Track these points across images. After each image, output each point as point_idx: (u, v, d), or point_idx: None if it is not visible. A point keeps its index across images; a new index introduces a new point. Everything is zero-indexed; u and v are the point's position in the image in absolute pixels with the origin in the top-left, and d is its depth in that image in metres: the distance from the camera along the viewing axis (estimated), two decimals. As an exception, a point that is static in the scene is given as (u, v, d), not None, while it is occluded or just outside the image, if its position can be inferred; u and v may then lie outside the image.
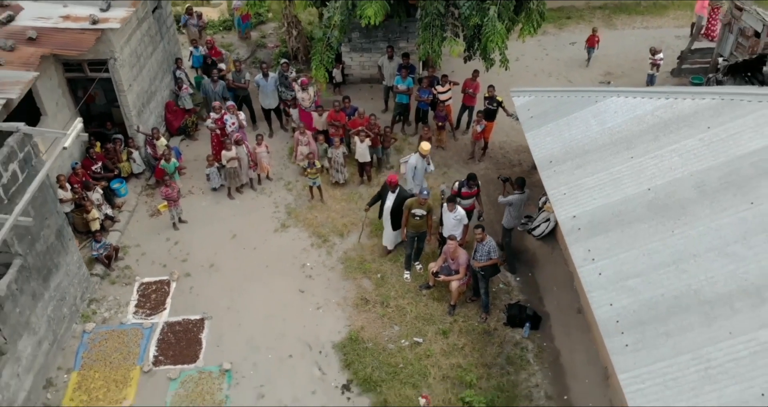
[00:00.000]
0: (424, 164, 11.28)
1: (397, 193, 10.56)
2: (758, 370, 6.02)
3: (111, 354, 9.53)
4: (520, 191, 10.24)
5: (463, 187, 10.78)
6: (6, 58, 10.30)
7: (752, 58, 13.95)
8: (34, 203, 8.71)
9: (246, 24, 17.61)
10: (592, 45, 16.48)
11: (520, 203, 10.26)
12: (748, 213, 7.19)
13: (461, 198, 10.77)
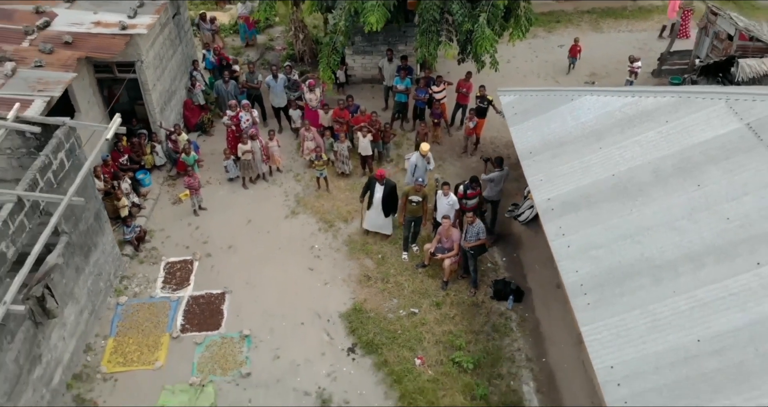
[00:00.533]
0: (424, 162, 12.44)
1: (384, 184, 11.76)
2: (695, 321, 7.27)
3: (142, 323, 10.78)
4: (499, 169, 11.61)
5: (468, 189, 11.94)
6: (46, 60, 11.57)
7: (722, 60, 15.19)
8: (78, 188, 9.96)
9: (252, 31, 18.78)
10: (574, 55, 17.63)
11: (500, 178, 11.64)
12: (695, 194, 8.45)
13: (467, 199, 11.94)
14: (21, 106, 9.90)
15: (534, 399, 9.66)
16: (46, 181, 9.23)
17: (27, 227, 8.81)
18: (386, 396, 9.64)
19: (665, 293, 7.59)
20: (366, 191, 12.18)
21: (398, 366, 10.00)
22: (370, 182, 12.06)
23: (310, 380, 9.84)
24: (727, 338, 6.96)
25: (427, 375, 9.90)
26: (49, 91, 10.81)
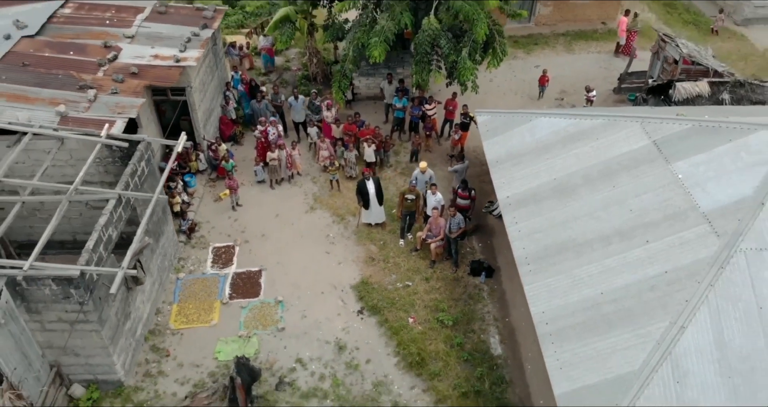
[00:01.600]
0: (424, 176, 15.45)
1: (373, 180, 14.96)
2: (601, 281, 10.47)
3: (198, 292, 14.03)
4: (461, 162, 15.03)
5: (459, 189, 15.18)
6: (120, 88, 14.80)
7: (663, 83, 18.42)
8: (153, 187, 13.20)
9: (271, 59, 21.85)
10: (543, 84, 20.50)
11: (463, 169, 15.27)
12: (610, 193, 11.68)
13: (459, 198, 15.16)
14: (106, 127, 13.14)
15: (498, 347, 12.90)
16: (134, 183, 12.48)
17: (123, 217, 12.06)
18: (386, 345, 12.89)
19: (582, 262, 10.83)
20: (360, 193, 15.26)
21: (396, 323, 13.24)
22: (360, 185, 15.16)
23: (330, 333, 13.08)
24: (621, 291, 10.20)
25: (418, 330, 13.15)
26: (127, 114, 14.06)
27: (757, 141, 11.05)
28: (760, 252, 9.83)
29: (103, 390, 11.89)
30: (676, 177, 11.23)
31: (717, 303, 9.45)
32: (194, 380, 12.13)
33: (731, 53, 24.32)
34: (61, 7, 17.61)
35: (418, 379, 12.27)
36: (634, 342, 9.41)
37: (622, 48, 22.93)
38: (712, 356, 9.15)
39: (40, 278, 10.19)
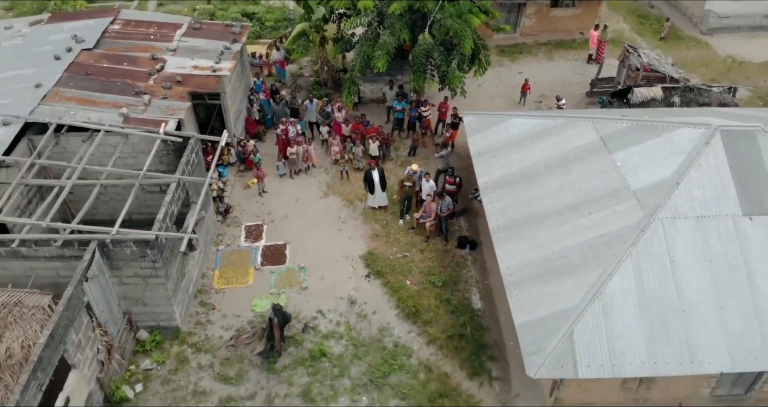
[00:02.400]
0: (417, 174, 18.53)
1: (378, 169, 18.11)
2: (555, 243, 13.58)
3: (235, 261, 17.21)
4: (445, 149, 18.18)
5: (447, 176, 18.33)
6: (169, 93, 17.99)
7: (624, 88, 21.57)
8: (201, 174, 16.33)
9: (283, 72, 24.90)
10: (525, 91, 23.49)
11: (447, 154, 18.42)
12: (565, 178, 14.84)
13: (447, 184, 18.30)
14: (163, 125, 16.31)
15: (478, 303, 16.08)
16: (188, 171, 15.66)
17: (181, 197, 15.23)
18: (388, 300, 16.06)
19: (540, 230, 13.99)
20: (366, 181, 18.42)
21: (396, 284, 16.41)
22: (367, 174, 18.32)
23: (343, 291, 16.26)
24: (568, 250, 13.34)
25: (414, 289, 16.32)
26: (176, 115, 17.25)
27: (679, 136, 14.21)
28: (673, 220, 13.00)
29: (164, 334, 15.07)
30: (616, 164, 14.41)
31: (638, 258, 12.62)
32: (236, 326, 15.31)
33: (695, 60, 27.48)
34: (111, 23, 20.83)
35: (414, 326, 15.45)
36: (574, 286, 12.57)
37: (595, 57, 26.09)
38: (632, 296, 12.32)
39: (124, 241, 13.38)
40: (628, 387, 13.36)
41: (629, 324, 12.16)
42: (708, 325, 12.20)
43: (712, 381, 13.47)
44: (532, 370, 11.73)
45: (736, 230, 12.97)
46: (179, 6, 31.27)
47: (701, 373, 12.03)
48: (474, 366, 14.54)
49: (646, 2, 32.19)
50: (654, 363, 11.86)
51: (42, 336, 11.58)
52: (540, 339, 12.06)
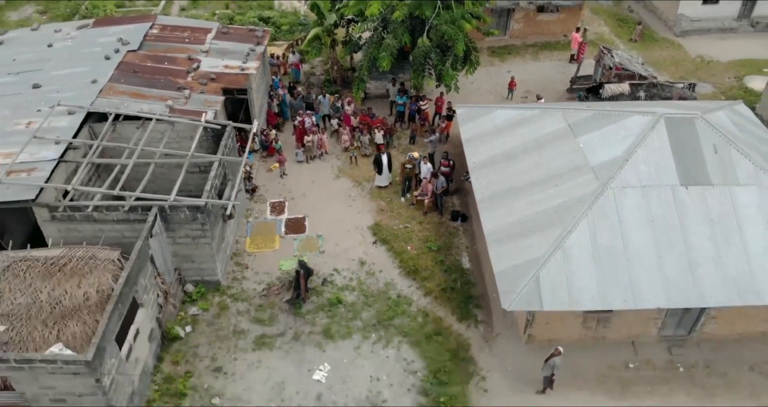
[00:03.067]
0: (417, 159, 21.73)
1: (386, 153, 21.33)
2: (527, 209, 16.75)
3: (263, 230, 20.40)
4: (434, 135, 21.47)
5: (442, 160, 21.54)
6: (205, 89, 21.16)
7: (596, 85, 24.74)
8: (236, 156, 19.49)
9: (298, 72, 28.07)
10: (512, 87, 26.70)
11: (436, 139, 21.69)
12: (538, 158, 18.03)
13: (442, 167, 21.49)
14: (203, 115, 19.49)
15: (467, 263, 19.26)
16: (226, 153, 18.85)
17: (221, 175, 18.42)
18: (392, 262, 19.25)
19: (517, 200, 17.17)
20: (377, 164, 21.62)
21: (398, 249, 19.60)
22: (377, 157, 21.54)
23: (355, 255, 19.45)
24: (538, 214, 16.52)
25: (413, 253, 19.51)
26: (213, 107, 20.42)
27: (631, 122, 17.39)
28: (623, 189, 16.19)
29: (207, 287, 18.27)
30: (579, 146, 17.61)
31: (593, 218, 15.81)
32: (266, 281, 18.53)
33: (667, 60, 30.69)
34: (150, 28, 23.99)
35: (413, 281, 18.65)
36: (541, 241, 15.76)
37: (576, 57, 29.26)
38: (587, 248, 15.51)
39: (179, 207, 16.58)
40: (587, 326, 16.56)
41: (584, 269, 15.35)
42: (648, 271, 15.39)
43: (658, 322, 16.67)
44: (506, 304, 14.94)
45: (674, 197, 16.16)
46: (200, 11, 34.45)
47: (641, 308, 15.21)
48: (462, 312, 17.74)
49: (626, 7, 35.39)
50: (603, 299, 15.06)
51: (121, 276, 14.76)
52: (513, 281, 15.26)
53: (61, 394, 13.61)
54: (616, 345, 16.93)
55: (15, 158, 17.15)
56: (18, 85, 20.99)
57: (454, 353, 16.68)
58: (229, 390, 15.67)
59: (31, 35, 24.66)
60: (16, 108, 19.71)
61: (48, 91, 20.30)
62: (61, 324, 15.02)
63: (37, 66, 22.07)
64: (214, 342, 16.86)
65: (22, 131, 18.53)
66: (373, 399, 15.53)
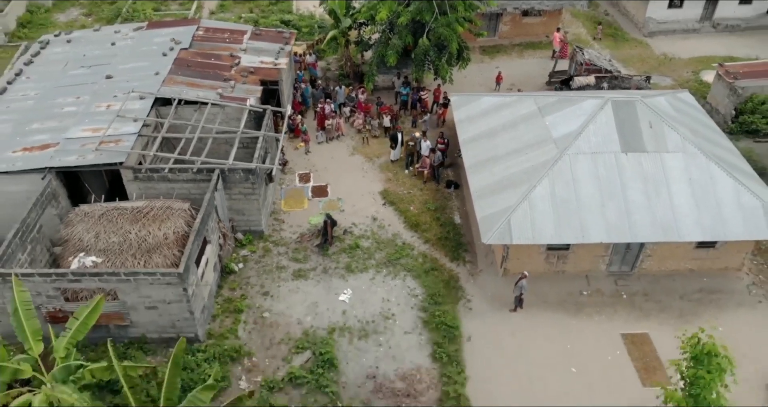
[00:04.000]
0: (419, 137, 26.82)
1: (399, 133, 26.45)
2: (505, 172, 21.78)
3: (294, 195, 25.47)
4: (426, 115, 26.58)
5: (438, 138, 26.61)
6: (246, 81, 26.22)
7: (567, 78, 29.79)
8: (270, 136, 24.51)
9: (315, 71, 33.07)
10: (499, 81, 31.85)
11: (428, 119, 26.74)
12: (514, 133, 23.07)
13: (438, 144, 26.55)
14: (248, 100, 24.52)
15: (458, 220, 24.32)
16: (266, 130, 23.90)
17: (264, 148, 23.44)
18: (398, 218, 24.30)
19: (497, 165, 22.21)
20: (392, 139, 26.68)
21: (403, 209, 24.66)
22: (393, 135, 26.65)
23: (368, 213, 24.51)
24: (513, 175, 21.53)
25: (415, 212, 24.57)
26: (254, 95, 25.46)
27: (586, 104, 22.40)
28: (576, 155, 21.22)
29: (253, 235, 23.29)
30: (545, 124, 22.65)
31: (552, 177, 20.84)
32: (299, 231, 23.59)
33: (634, 57, 35.72)
34: (196, 30, 29.04)
35: (415, 233, 23.68)
36: (513, 194, 20.78)
37: (558, 54, 34.17)
38: (548, 199, 20.53)
39: (235, 169, 21.62)
40: (550, 262, 21.59)
41: (545, 214, 20.37)
42: (594, 216, 20.41)
43: (606, 259, 21.69)
44: (485, 239, 19.99)
45: (616, 161, 21.20)
46: (227, 14, 39.52)
47: (588, 242, 20.23)
48: (453, 254, 22.78)
49: (602, 11, 40.45)
50: (559, 236, 20.10)
51: (198, 216, 19.76)
52: (491, 223, 20.30)
53: (155, 302, 18.61)
54: (572, 277, 21.97)
55: (105, 132, 22.19)
56: (93, 76, 26.04)
57: (446, 283, 21.72)
58: (275, 308, 20.73)
59: (95, 35, 29.77)
60: (95, 94, 24.75)
61: (119, 81, 25.34)
62: (147, 257, 20.05)
63: (105, 61, 27.11)
64: (261, 274, 21.91)
65: (103, 112, 23.57)
66: (385, 313, 20.57)
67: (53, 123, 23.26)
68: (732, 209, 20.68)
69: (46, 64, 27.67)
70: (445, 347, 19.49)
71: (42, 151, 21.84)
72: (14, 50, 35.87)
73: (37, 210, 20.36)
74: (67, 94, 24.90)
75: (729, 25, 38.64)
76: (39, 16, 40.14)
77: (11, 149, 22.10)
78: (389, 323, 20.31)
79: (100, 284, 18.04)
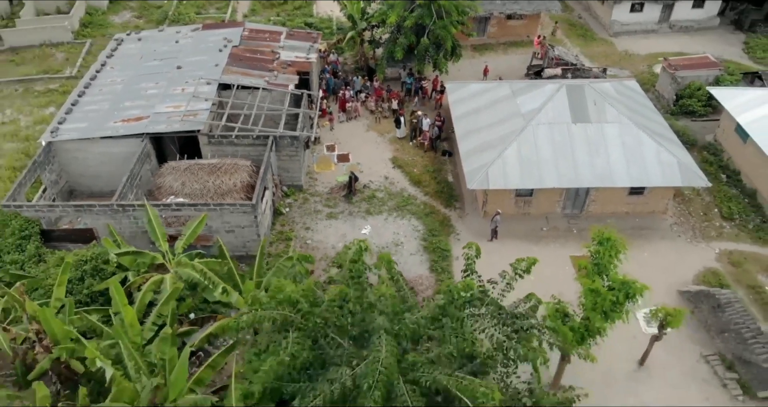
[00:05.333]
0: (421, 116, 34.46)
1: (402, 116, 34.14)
2: (486, 138, 29.45)
3: (323, 160, 33.11)
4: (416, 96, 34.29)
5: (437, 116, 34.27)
6: (286, 72, 33.88)
7: (539, 70, 37.44)
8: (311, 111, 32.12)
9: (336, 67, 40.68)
10: (485, 74, 39.39)
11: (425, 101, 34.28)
12: (493, 110, 30.69)
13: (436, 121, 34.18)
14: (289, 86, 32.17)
15: (451, 179, 31.99)
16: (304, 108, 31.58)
17: (303, 122, 31.07)
18: (405, 177, 31.99)
19: (479, 134, 29.86)
20: (396, 122, 34.34)
21: (408, 170, 32.36)
22: (396, 118, 34.32)
23: (381, 173, 32.22)
24: (491, 141, 29.17)
25: (418, 172, 32.24)
26: (293, 82, 33.12)
27: (547, 88, 30.06)
28: (538, 125, 28.86)
29: (295, 189, 30.94)
30: (517, 103, 30.30)
31: (519, 141, 28.48)
32: (328, 186, 31.25)
33: (600, 54, 43.33)
34: (243, 31, 36.69)
35: (418, 188, 31.37)
36: (491, 154, 28.38)
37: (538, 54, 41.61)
38: (515, 157, 28.16)
39: (283, 136, 29.28)
40: (518, 205, 29.24)
41: (513, 168, 28.01)
42: (549, 169, 28.01)
43: (560, 203, 29.33)
44: (470, 185, 27.66)
45: (567, 129, 28.83)
46: (258, 17, 47.11)
47: (544, 187, 27.85)
48: (447, 203, 30.46)
49: (576, 14, 48.08)
50: (523, 183, 27.75)
51: (261, 167, 27.39)
52: (474, 175, 27.94)
53: (232, 226, 26.23)
54: (535, 218, 29.61)
55: (185, 108, 29.81)
56: (165, 67, 33.67)
57: (441, 222, 29.37)
58: (314, 237, 28.40)
59: (160, 35, 37.44)
60: (170, 81, 32.37)
61: (188, 71, 32.98)
62: (221, 200, 27.70)
63: (173, 55, 34.75)
64: (302, 215, 29.57)
65: (179, 94, 31.20)
66: (395, 242, 28.23)
67: (141, 102, 30.89)
68: (654, 164, 28.29)
69: (124, 57, 35.29)
70: (440, 263, 27.14)
71: (137, 122, 29.46)
72: (80, 47, 43.73)
73: (138, 164, 28.02)
74: (148, 81, 32.53)
75: (683, 26, 46.21)
76: (97, 18, 47.70)
77: (112, 121, 29.72)
78: (399, 248, 27.93)
79: (194, 213, 25.61)
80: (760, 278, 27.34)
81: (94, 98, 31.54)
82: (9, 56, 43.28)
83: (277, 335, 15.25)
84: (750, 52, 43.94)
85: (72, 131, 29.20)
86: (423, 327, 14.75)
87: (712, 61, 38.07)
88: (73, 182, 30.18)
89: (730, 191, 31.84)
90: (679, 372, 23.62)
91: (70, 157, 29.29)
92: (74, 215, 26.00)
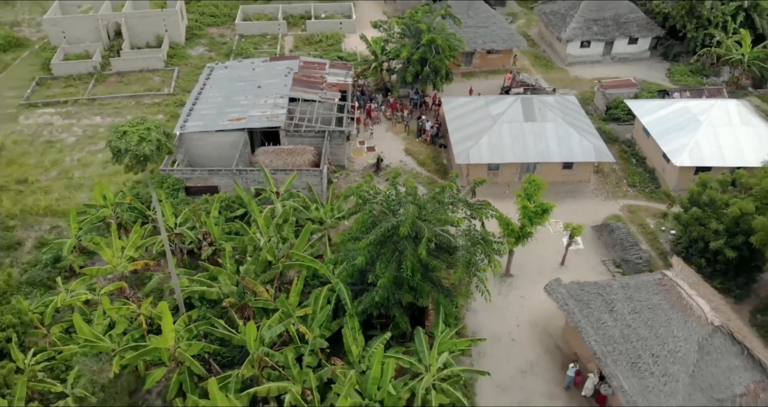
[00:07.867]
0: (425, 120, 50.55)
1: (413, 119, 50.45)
2: (471, 128, 45.54)
3: (357, 150, 49.17)
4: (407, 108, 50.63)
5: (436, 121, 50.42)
6: (332, 90, 50.15)
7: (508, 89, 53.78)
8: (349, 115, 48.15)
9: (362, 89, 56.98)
10: (471, 93, 55.62)
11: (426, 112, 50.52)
12: (472, 115, 46.85)
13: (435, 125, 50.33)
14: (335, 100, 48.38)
15: (445, 161, 47.97)
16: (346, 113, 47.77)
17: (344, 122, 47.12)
18: (413, 161, 48.08)
19: (464, 131, 45.92)
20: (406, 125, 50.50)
21: (416, 156, 48.48)
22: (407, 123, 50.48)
23: (396, 159, 48.25)
24: (473, 133, 45.25)
25: (422, 158, 48.27)
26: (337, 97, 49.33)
27: (508, 100, 46.29)
28: (501, 123, 44.98)
29: (339, 167, 46.89)
30: (489, 110, 46.47)
31: (491, 133, 44.48)
32: (363, 165, 47.28)
33: (557, 78, 59.84)
34: (299, 62, 53.16)
35: (423, 167, 47.45)
36: (472, 141, 44.31)
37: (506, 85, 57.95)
38: (487, 144, 44.15)
39: (334, 131, 45.41)
40: (490, 175, 45.14)
41: (486, 150, 44.00)
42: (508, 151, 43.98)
43: (518, 174, 45.27)
44: (458, 161, 43.64)
45: (521, 126, 44.95)
46: (300, 52, 63.64)
47: (505, 162, 43.80)
48: (442, 176, 46.50)
49: (540, 49, 64.82)
50: (491, 159, 43.73)
51: (323, 150, 43.36)
52: (461, 155, 43.89)
53: (306, 185, 42.06)
54: (500, 185, 45.51)
55: (270, 113, 45.95)
56: (249, 86, 49.98)
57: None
58: (356, 195, 44.34)
59: (240, 64, 53.98)
60: (255, 95, 48.61)
61: (266, 89, 49.27)
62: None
63: (253, 78, 51.12)
64: (348, 182, 45.41)
65: (263, 104, 47.41)
66: (409, 198, 44.16)
67: (238, 108, 47.05)
68: (577, 147, 44.31)
69: (218, 79, 51.59)
70: (438, 210, 42.96)
71: (238, 121, 45.52)
72: (170, 72, 60.02)
73: (242, 149, 44.04)
74: (239, 95, 48.76)
75: (621, 57, 62.76)
76: (178, 51, 64.14)
77: (221, 120, 45.78)
78: (411, 202, 43.82)
79: (285, 176, 41.40)
80: (646, 220, 43.18)
81: (204, 106, 47.71)
82: (117, 78, 59.64)
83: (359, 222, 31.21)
84: (671, 76, 60.27)
85: (194, 127, 45.23)
86: (426, 203, 30.74)
87: (632, 82, 54.48)
88: (191, 160, 46.07)
89: (636, 169, 47.84)
90: (585, 268, 39.27)
91: (193, 144, 45.26)
92: (208, 176, 41.85)
